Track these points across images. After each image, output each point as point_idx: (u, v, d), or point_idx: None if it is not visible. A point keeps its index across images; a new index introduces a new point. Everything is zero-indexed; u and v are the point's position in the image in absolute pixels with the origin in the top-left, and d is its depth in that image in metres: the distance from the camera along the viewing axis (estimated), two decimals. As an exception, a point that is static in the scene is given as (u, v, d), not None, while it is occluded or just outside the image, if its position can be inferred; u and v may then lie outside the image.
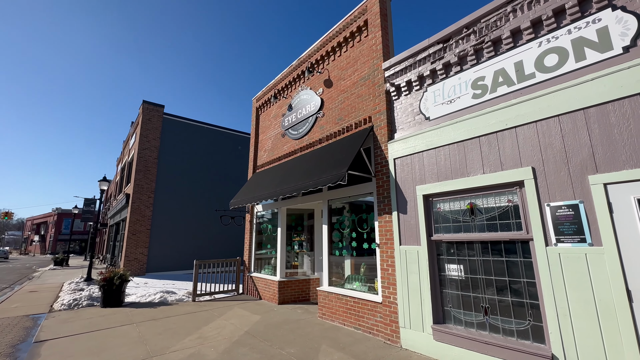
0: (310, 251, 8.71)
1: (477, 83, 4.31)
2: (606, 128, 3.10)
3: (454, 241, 4.30)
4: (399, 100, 5.43)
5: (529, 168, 3.56)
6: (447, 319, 4.27)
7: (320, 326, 5.70)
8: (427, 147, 4.73)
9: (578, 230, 3.14)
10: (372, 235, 5.60)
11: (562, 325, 3.14)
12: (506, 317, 3.69)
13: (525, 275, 3.58)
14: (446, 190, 4.39)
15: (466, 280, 4.12)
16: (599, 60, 3.26)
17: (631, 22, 3.12)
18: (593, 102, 3.20)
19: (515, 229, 3.71)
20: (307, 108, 7.60)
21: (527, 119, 3.66)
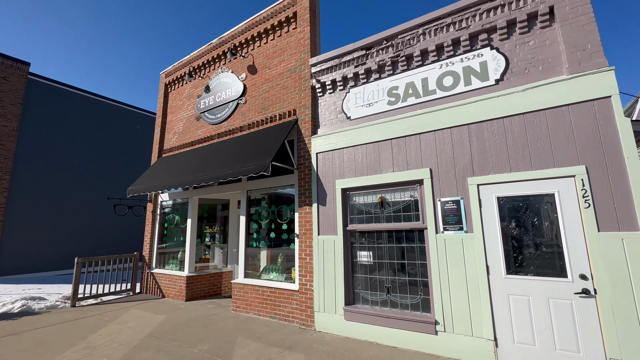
0: (223, 243, 8.32)
1: (392, 91, 4.87)
2: (481, 141, 3.97)
3: (366, 231, 4.80)
4: (324, 97, 5.67)
5: (428, 169, 4.27)
6: (356, 300, 4.77)
7: (235, 319, 5.56)
8: (347, 144, 5.11)
9: (458, 220, 3.95)
10: (292, 226, 5.74)
11: (443, 296, 3.92)
12: (403, 294, 4.37)
13: (420, 258, 4.30)
14: (362, 185, 4.85)
15: (374, 265, 4.68)
16: (480, 87, 4.13)
17: (502, 61, 4.05)
18: (474, 120, 4.04)
19: (414, 220, 4.40)
20: (228, 92, 7.16)
21: (429, 128, 4.36)
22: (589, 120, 3.37)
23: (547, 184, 3.51)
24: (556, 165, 3.48)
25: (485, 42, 4.20)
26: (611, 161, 3.22)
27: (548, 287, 3.37)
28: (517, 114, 3.78)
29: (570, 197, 3.37)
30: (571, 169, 3.38)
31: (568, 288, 3.26)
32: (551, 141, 3.55)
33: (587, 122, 3.38)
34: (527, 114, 3.73)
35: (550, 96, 3.60)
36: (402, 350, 4.03)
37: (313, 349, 4.17)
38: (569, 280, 3.27)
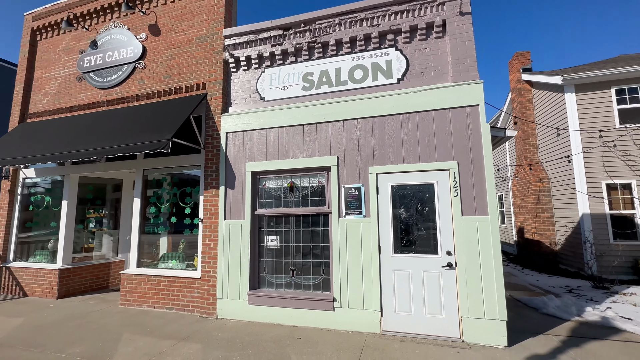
0: (113, 229, 7.21)
1: (307, 77, 4.87)
2: (382, 134, 4.34)
3: (275, 215, 4.78)
4: (237, 74, 5.31)
5: (335, 157, 4.46)
6: (262, 284, 4.75)
7: (122, 314, 4.92)
8: (260, 126, 4.93)
9: (358, 205, 4.28)
10: (197, 211, 5.31)
11: (341, 275, 4.23)
12: (307, 275, 4.54)
13: (324, 241, 4.52)
14: (273, 169, 4.78)
15: (281, 248, 4.72)
16: (385, 83, 4.48)
17: (404, 62, 4.45)
18: (378, 113, 4.37)
19: (321, 204, 4.58)
20: (123, 53, 6.06)
21: (339, 117, 4.54)
22: (463, 123, 4.02)
23: (430, 175, 4.08)
24: (437, 159, 4.06)
25: (392, 43, 4.54)
26: (475, 159, 3.93)
27: (424, 262, 3.96)
28: (412, 112, 4.24)
29: (445, 187, 4.00)
30: (447, 164, 3.99)
31: (437, 263, 3.90)
32: (435, 138, 4.11)
33: (462, 124, 4.03)
34: (419, 112, 4.22)
35: (438, 99, 4.14)
36: (302, 328, 4.22)
37: (212, 336, 4.00)
38: (439, 257, 3.92)
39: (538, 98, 9.70)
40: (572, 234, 8.13)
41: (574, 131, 7.85)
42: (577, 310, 4.78)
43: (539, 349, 3.53)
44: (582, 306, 4.99)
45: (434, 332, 3.83)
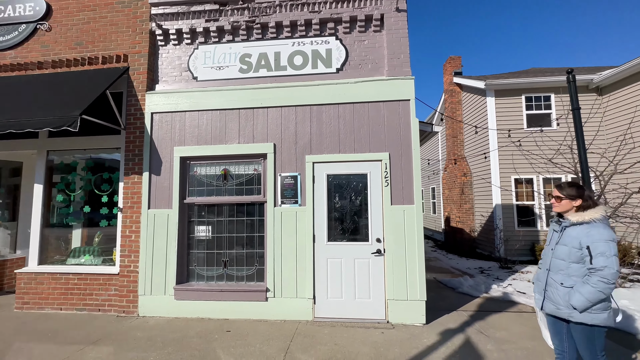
0: (10, 221, 6.09)
1: (244, 59, 4.60)
2: (320, 123, 4.32)
3: (206, 204, 4.49)
4: (167, 48, 4.80)
5: (272, 144, 4.33)
6: (191, 277, 4.45)
7: (17, 320, 4.20)
8: (191, 107, 4.54)
9: (294, 194, 4.23)
10: (115, 199, 4.73)
11: (275, 265, 4.16)
12: (240, 266, 4.38)
13: (259, 231, 4.39)
14: (205, 155, 4.45)
15: (213, 239, 4.46)
16: (324, 72, 4.45)
17: (343, 52, 4.47)
18: (316, 102, 4.33)
19: (256, 193, 4.42)
20: (19, 9, 5.03)
21: (277, 103, 4.39)
22: (395, 117, 4.20)
23: (364, 165, 4.20)
24: (371, 150, 4.19)
25: (332, 32, 4.52)
26: (405, 151, 4.14)
27: (355, 249, 4.10)
28: (350, 102, 4.29)
29: (377, 177, 4.16)
30: (380, 155, 4.15)
31: (368, 249, 4.07)
32: (370, 130, 4.23)
33: (394, 117, 4.21)
34: (356, 103, 4.29)
35: (374, 92, 4.25)
36: (233, 321, 4.07)
37: (129, 337, 3.63)
38: (369, 244, 4.08)
39: (466, 100, 10.71)
40: (486, 222, 9.26)
41: (492, 130, 8.86)
42: (485, 288, 5.45)
43: (451, 324, 3.93)
44: (489, 284, 5.71)
45: (363, 315, 4.01)
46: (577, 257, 1.96)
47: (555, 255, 2.09)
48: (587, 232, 1.94)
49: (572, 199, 2.06)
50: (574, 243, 1.98)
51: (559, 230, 2.13)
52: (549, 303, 2.10)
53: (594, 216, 1.96)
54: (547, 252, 2.18)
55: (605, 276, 1.84)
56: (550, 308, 2.09)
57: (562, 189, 2.10)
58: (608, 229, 1.93)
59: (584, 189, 2.07)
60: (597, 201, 2.07)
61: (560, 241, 2.08)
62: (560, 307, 2.02)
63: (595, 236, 1.90)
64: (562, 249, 2.05)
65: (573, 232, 2.01)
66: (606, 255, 1.85)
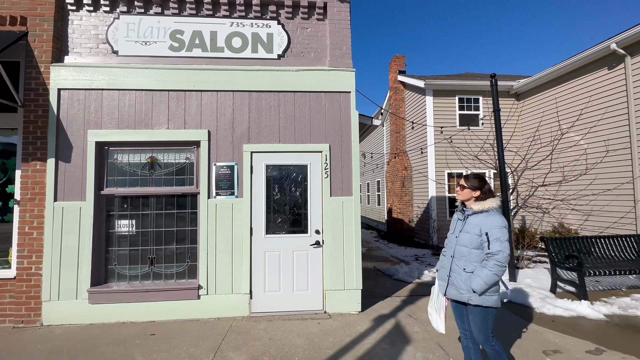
0: None
1: (175, 35, 4.16)
2: (259, 110, 4.12)
3: (130, 196, 4.01)
4: (79, 14, 4.11)
5: (206, 131, 4.01)
6: (110, 278, 3.97)
7: None
8: (110, 86, 3.97)
9: (231, 185, 3.99)
10: (11, 190, 3.97)
11: (209, 260, 3.90)
12: (170, 264, 4.03)
13: (191, 225, 4.07)
14: (127, 140, 3.95)
15: (138, 235, 4.02)
16: (265, 57, 4.24)
17: (285, 38, 4.30)
18: (256, 88, 4.12)
19: (188, 184, 4.08)
20: None
21: (212, 87, 4.07)
22: (336, 108, 4.19)
23: (304, 156, 4.12)
24: (312, 141, 4.14)
25: (274, 15, 4.31)
26: (344, 143, 4.17)
27: (294, 242, 4.04)
28: (291, 90, 4.16)
29: (317, 169, 4.13)
30: (321, 146, 4.12)
31: (307, 241, 4.04)
32: (311, 120, 4.16)
33: (335, 109, 4.19)
34: (297, 92, 4.17)
35: (316, 82, 4.18)
36: (161, 323, 3.73)
37: (27, 351, 3.09)
38: (308, 236, 4.05)
39: (408, 97, 11.31)
40: (423, 212, 9.98)
41: (429, 127, 9.50)
42: (418, 274, 5.86)
43: (385, 310, 4.12)
44: (422, 270, 6.14)
45: (302, 307, 3.99)
46: (478, 243, 2.12)
47: (459, 243, 2.23)
48: (486, 219, 2.11)
49: (474, 189, 2.22)
50: (475, 230, 2.13)
51: (462, 218, 2.28)
52: (452, 289, 2.23)
53: (491, 205, 2.15)
54: (452, 240, 2.32)
55: (499, 260, 2.01)
56: (453, 293, 2.21)
57: (468, 180, 2.26)
58: (502, 217, 2.14)
59: (485, 182, 2.25)
60: (494, 193, 2.24)
61: (463, 229, 2.22)
62: (462, 292, 2.15)
63: (493, 223, 2.08)
64: (465, 237, 2.19)
65: (475, 220, 2.17)
66: (501, 240, 2.03)
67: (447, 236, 2.43)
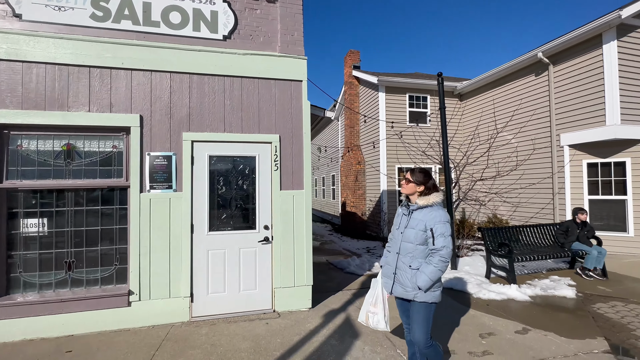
0: None
1: (99, 2, 3.56)
2: (202, 95, 3.74)
3: (40, 189, 3.38)
4: (-35, -37, 3.29)
5: (138, 115, 3.52)
6: (14, 288, 3.32)
7: None
8: (11, 56, 3.27)
9: (168, 178, 3.57)
10: None
11: (142, 262, 3.47)
12: (93, 268, 3.49)
13: (119, 222, 3.57)
14: (36, 124, 3.30)
15: (50, 236, 3.41)
16: (208, 37, 3.84)
17: (232, 18, 3.94)
18: (198, 71, 3.72)
19: (116, 176, 3.56)
20: None
21: (145, 66, 3.58)
22: (287, 97, 3.98)
23: (252, 147, 3.86)
24: (261, 131, 3.88)
25: (220, -9, 3.92)
26: (296, 134, 3.99)
27: (241, 238, 3.77)
28: (238, 76, 3.84)
29: (266, 161, 3.89)
30: (270, 136, 3.88)
31: (255, 238, 3.80)
32: (260, 108, 3.90)
33: (285, 98, 3.98)
34: (245, 78, 3.87)
35: (265, 67, 3.91)
36: (80, 337, 3.22)
37: None
38: (256, 232, 3.82)
39: (363, 93, 11.47)
40: (375, 206, 10.27)
41: (382, 123, 9.75)
42: (369, 266, 5.96)
43: (335, 304, 4.08)
44: (372, 262, 6.28)
45: (249, 307, 3.76)
46: (423, 239, 2.09)
47: (404, 239, 2.16)
48: (430, 214, 2.09)
49: (418, 184, 2.17)
50: (420, 226, 2.09)
51: (407, 213, 2.22)
52: (398, 286, 2.16)
53: (435, 200, 2.14)
54: (397, 236, 2.27)
55: (443, 255, 2.00)
56: (400, 291, 2.15)
57: (413, 174, 2.21)
58: (445, 211, 2.14)
59: (431, 177, 2.22)
60: (438, 188, 2.23)
61: (408, 224, 2.16)
62: (408, 290, 2.10)
63: (437, 218, 2.06)
64: (410, 232, 2.13)
65: (419, 215, 2.12)
66: (444, 235, 2.02)
67: (392, 231, 2.38)
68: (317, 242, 9.35)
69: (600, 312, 3.83)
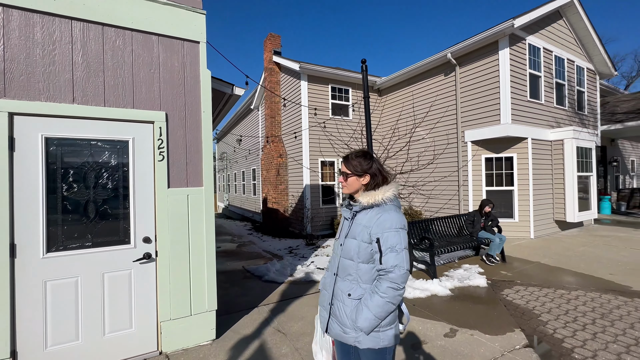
0: None
1: None
2: (30, 43, 2.41)
3: None
4: None
5: None
6: None
7: None
8: None
9: (-41, 172, 2.18)
10: None
11: None
12: None
13: None
14: None
15: None
16: (42, -44, 2.50)
17: (86, -64, 2.67)
18: (24, 4, 2.37)
19: None
20: None
21: None
22: (177, 62, 2.94)
23: (123, 128, 2.71)
24: (137, 105, 2.76)
25: None
26: (191, 113, 2.99)
27: (107, 258, 2.62)
28: (95, 21, 2.62)
29: (147, 148, 2.80)
30: (152, 114, 2.80)
31: (129, 256, 2.70)
32: (135, 74, 2.77)
33: (175, 63, 2.94)
34: (108, 27, 2.68)
35: (142, 15, 2.78)
36: None
37: None
38: (132, 247, 2.72)
39: (284, 81, 10.69)
40: (298, 202, 9.70)
41: (304, 114, 9.18)
42: (290, 270, 5.31)
43: (248, 328, 3.28)
44: (295, 265, 5.65)
45: (122, 355, 2.65)
46: (367, 254, 1.45)
47: (343, 253, 1.51)
48: (377, 218, 1.44)
49: (360, 174, 1.53)
50: (364, 235, 1.45)
51: (349, 217, 1.58)
52: (334, 323, 1.50)
53: (385, 196, 1.49)
54: (336, 250, 1.63)
55: (395, 280, 1.36)
56: (336, 331, 1.49)
57: (349, 162, 1.56)
58: (399, 213, 1.50)
59: (373, 160, 1.56)
60: (388, 175, 1.57)
61: (349, 233, 1.52)
62: (346, 330, 1.45)
63: (387, 223, 1.41)
64: (351, 244, 1.48)
65: (363, 220, 1.49)
66: (397, 249, 1.39)
67: (333, 244, 1.72)
68: (234, 245, 8.28)
69: (509, 299, 3.99)
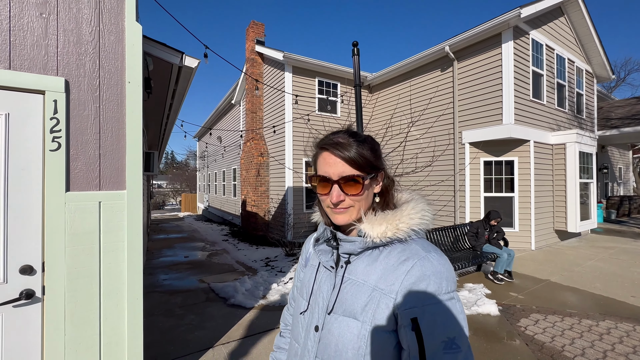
0: None
1: None
2: None
3: None
4: None
5: None
6: None
7: None
8: None
9: None
10: None
11: None
12: None
13: None
14: None
15: None
16: None
17: None
18: None
19: None
20: None
21: None
22: (90, 8, 2.02)
23: (-8, 98, 1.77)
24: (13, 65, 1.82)
25: None
26: (108, 82, 2.07)
27: (-48, 302, 1.66)
28: None
29: (30, 131, 1.86)
30: (43, 79, 1.86)
31: (-7, 296, 1.75)
32: (13, 15, 1.83)
33: (87, 8, 2.01)
34: (-32, -59, 1.73)
35: None
36: None
37: None
38: (1, 282, 1.77)
39: (267, 72, 9.79)
40: (279, 205, 8.80)
41: (287, 109, 8.30)
42: (263, 291, 4.41)
43: (194, 387, 2.38)
44: (270, 283, 4.76)
45: None
46: (391, 354, 0.66)
47: (325, 354, 0.71)
48: (408, 270, 0.67)
49: (373, 177, 0.76)
50: (378, 310, 0.67)
51: (332, 266, 0.79)
52: None
53: (412, 220, 0.73)
54: (301, 335, 0.81)
55: None
56: None
57: (346, 150, 0.73)
58: (443, 257, 0.71)
59: (380, 153, 0.82)
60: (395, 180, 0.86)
61: (337, 303, 0.72)
62: None
63: (430, 282, 0.65)
64: (343, 334, 0.69)
65: (371, 274, 0.71)
66: (458, 346, 0.61)
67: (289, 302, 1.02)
68: (204, 254, 7.29)
69: (529, 333, 3.24)
